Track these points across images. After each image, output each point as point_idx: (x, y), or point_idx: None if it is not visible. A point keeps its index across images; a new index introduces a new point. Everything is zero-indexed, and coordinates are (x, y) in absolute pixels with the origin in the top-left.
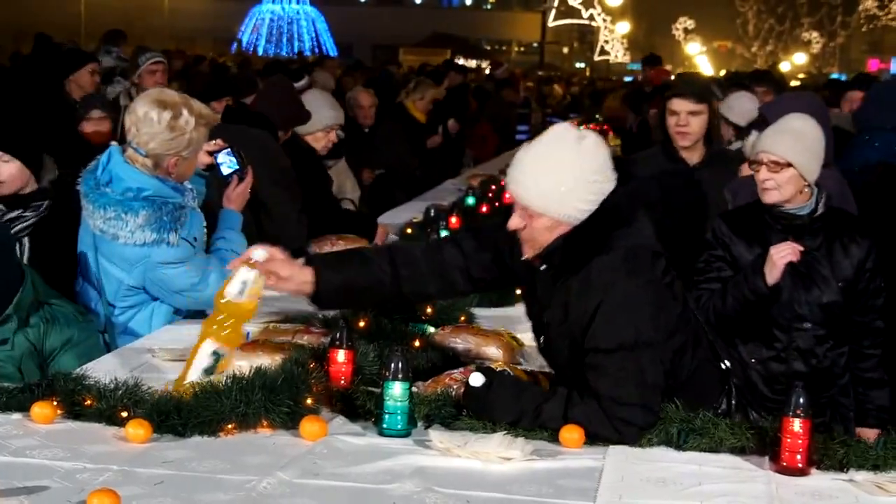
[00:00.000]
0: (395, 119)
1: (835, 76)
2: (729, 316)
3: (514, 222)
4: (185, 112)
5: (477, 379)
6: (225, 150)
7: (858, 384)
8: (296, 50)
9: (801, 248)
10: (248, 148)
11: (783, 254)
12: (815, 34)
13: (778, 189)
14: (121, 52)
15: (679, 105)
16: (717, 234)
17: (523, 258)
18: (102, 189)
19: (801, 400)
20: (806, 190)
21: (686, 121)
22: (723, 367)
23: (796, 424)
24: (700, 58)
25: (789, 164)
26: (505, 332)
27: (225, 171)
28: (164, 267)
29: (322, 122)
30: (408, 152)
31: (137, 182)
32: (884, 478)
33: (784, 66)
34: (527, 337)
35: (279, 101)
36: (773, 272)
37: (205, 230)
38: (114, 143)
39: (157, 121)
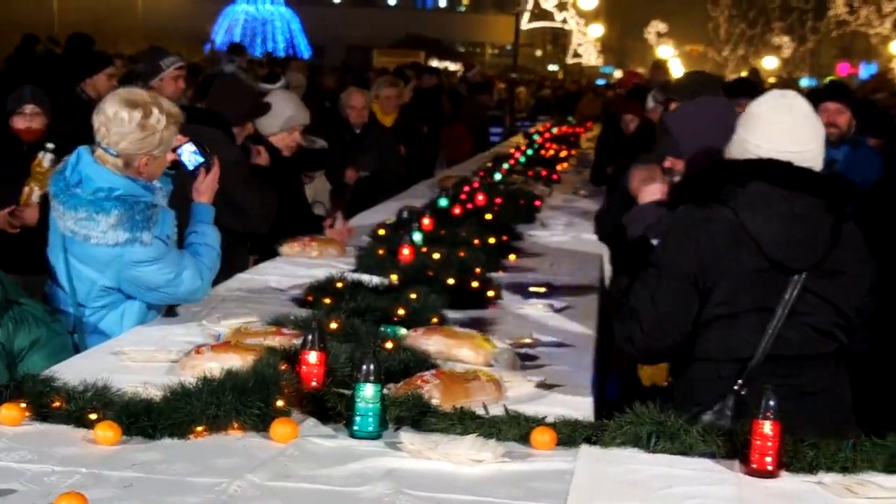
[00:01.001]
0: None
1: (805, 80)
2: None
3: None
4: (155, 111)
5: None
6: (187, 145)
7: None
8: (270, 50)
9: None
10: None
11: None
12: (785, 39)
13: None
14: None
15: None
16: None
17: None
18: (72, 190)
19: (772, 402)
20: None
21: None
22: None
23: (766, 427)
24: (672, 61)
25: None
26: (477, 334)
27: (191, 165)
28: (138, 266)
29: (284, 122)
30: (398, 157)
31: (108, 182)
32: (853, 480)
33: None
34: (498, 339)
35: (231, 96)
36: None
37: (176, 227)
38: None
39: (127, 120)
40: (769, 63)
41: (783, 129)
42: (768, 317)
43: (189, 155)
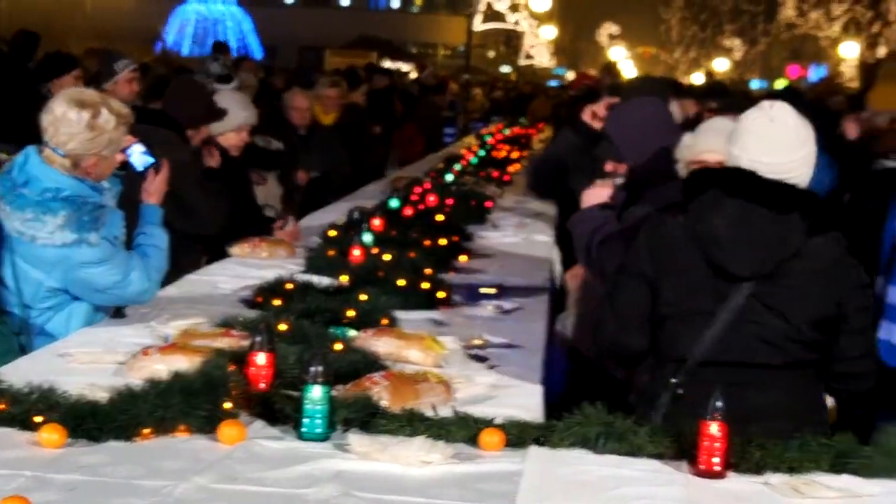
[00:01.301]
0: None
1: (755, 83)
2: None
3: None
4: (104, 111)
5: None
6: (137, 146)
7: None
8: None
9: None
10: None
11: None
12: (736, 41)
13: None
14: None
15: None
16: None
17: None
18: (19, 190)
19: (719, 404)
20: None
21: None
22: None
23: (713, 428)
24: (624, 63)
25: None
26: (427, 336)
27: (139, 166)
28: (85, 267)
29: (232, 122)
30: (344, 158)
31: (56, 182)
32: (799, 480)
33: (698, 77)
34: (448, 340)
35: (186, 99)
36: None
37: (124, 228)
38: None
39: (76, 121)
40: (720, 65)
41: (757, 140)
42: (710, 321)
43: (138, 156)
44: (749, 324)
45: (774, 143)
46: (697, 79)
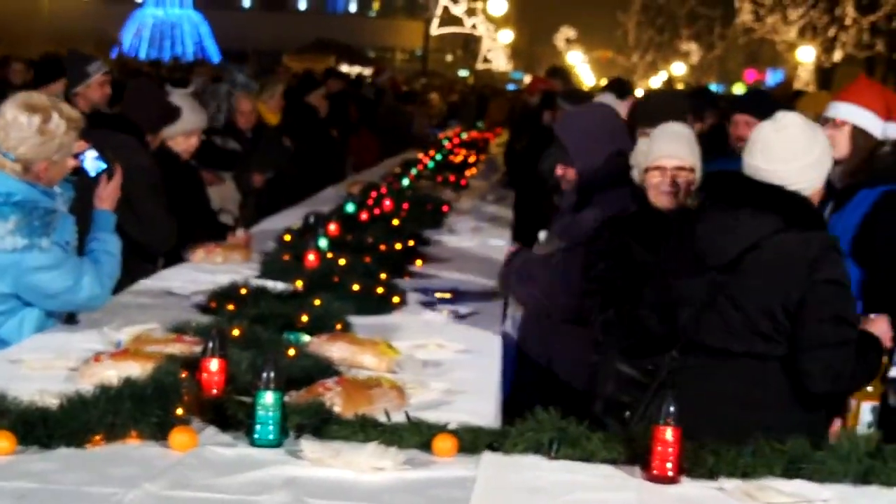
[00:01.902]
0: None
1: (713, 87)
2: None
3: None
4: (55, 116)
5: None
6: (90, 151)
7: None
8: (179, 54)
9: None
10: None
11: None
12: (693, 45)
13: (678, 195)
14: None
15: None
16: (614, 241)
17: None
18: None
19: (672, 409)
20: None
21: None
22: None
23: (667, 433)
24: (581, 67)
25: (692, 169)
26: (381, 341)
27: (92, 171)
28: (36, 272)
29: (182, 126)
30: (287, 159)
31: (6, 187)
32: (752, 485)
33: (663, 76)
34: (402, 345)
35: (144, 103)
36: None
37: (76, 234)
38: None
39: (26, 125)
40: (677, 69)
41: (759, 148)
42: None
43: (91, 161)
44: (718, 312)
45: (778, 152)
46: (656, 83)
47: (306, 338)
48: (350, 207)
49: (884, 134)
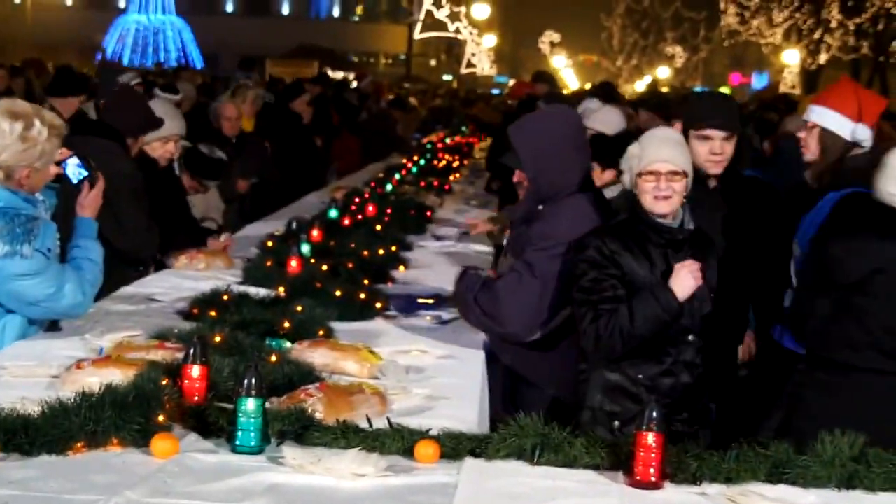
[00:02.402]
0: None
1: (697, 90)
2: (638, 336)
3: None
4: (37, 123)
5: None
6: (72, 159)
7: None
8: (161, 60)
9: (699, 265)
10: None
11: (695, 271)
12: (678, 48)
13: (672, 199)
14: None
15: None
16: (604, 250)
17: None
18: None
19: (655, 414)
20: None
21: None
22: None
23: (649, 438)
24: (566, 71)
25: (685, 174)
26: (363, 347)
27: (74, 178)
28: (18, 279)
29: (159, 131)
30: (270, 164)
31: None
32: (735, 490)
33: (647, 80)
34: (385, 351)
35: (126, 109)
36: (684, 288)
37: (58, 241)
38: None
39: (8, 132)
40: (662, 73)
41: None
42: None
43: (73, 168)
44: (838, 329)
45: None
46: (640, 86)
47: (288, 344)
48: (333, 213)
49: (853, 136)
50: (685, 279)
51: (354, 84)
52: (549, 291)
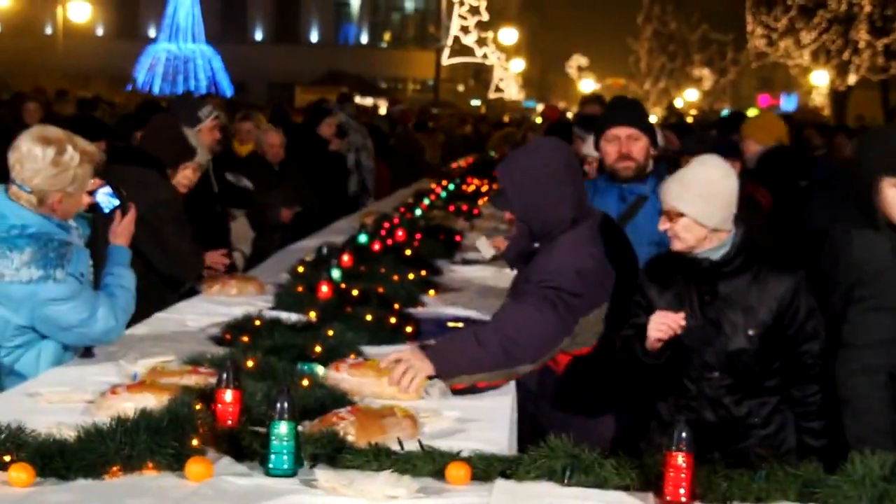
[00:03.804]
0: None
1: (726, 112)
2: (628, 370)
3: None
4: (69, 148)
5: None
6: (103, 188)
7: (800, 433)
8: (192, 89)
9: (682, 322)
10: (126, 185)
11: (659, 326)
12: (706, 71)
13: (679, 238)
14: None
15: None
16: (640, 278)
17: None
18: None
19: (684, 435)
20: (714, 235)
21: None
22: None
23: (679, 459)
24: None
25: (681, 214)
26: None
27: (106, 208)
28: (52, 304)
29: None
30: (311, 193)
31: (21, 219)
32: None
33: (677, 103)
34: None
35: (164, 138)
36: (649, 338)
37: (91, 267)
38: None
39: (41, 157)
40: (690, 95)
41: None
42: None
43: (104, 197)
44: None
45: None
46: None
47: (320, 368)
48: (363, 238)
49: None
50: (650, 330)
51: (383, 111)
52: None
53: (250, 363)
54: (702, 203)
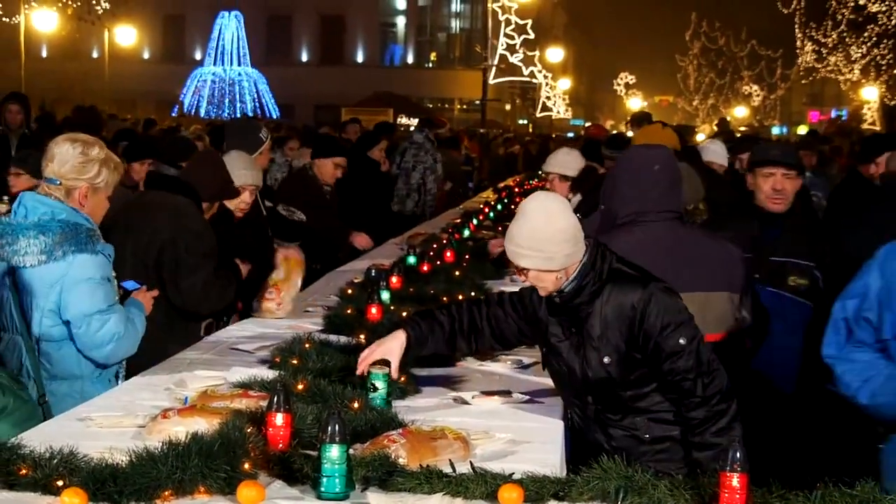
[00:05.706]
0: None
1: (776, 129)
2: None
3: None
4: (97, 147)
5: None
6: (128, 282)
7: (687, 446)
8: (238, 113)
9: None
10: (160, 211)
11: None
12: (755, 87)
13: (537, 287)
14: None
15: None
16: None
17: None
18: (17, 222)
19: (738, 455)
20: (569, 269)
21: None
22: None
23: (734, 480)
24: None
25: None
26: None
27: (130, 287)
28: (81, 284)
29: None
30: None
31: (52, 207)
32: None
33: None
34: (466, 396)
35: (206, 173)
36: None
37: (114, 272)
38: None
39: (70, 151)
40: (740, 112)
41: None
42: None
43: (129, 282)
44: None
45: None
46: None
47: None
48: (411, 259)
49: None
50: None
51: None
52: None
53: (300, 386)
54: (537, 254)
